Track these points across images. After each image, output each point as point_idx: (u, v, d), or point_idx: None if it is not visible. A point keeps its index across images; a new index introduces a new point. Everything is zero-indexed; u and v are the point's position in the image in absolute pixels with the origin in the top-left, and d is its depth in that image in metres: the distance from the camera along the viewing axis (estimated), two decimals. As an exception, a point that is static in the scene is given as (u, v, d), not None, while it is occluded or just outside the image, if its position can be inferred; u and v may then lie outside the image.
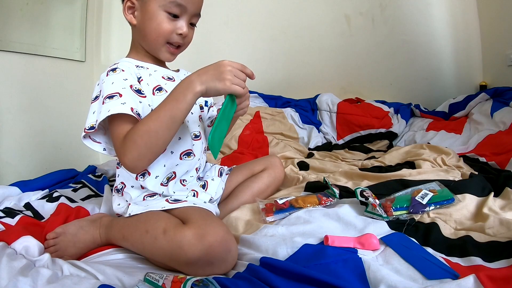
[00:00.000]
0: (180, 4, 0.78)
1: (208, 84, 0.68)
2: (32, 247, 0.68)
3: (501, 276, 0.53)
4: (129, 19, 0.82)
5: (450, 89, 2.08)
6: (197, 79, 0.68)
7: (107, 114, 0.69)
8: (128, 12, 0.81)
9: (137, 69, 0.82)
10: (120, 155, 0.71)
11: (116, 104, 0.70)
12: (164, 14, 0.78)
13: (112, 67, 0.78)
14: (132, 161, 0.69)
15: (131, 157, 0.69)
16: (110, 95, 0.72)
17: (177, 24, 0.79)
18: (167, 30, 0.79)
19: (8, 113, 1.45)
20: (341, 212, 0.78)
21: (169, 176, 0.83)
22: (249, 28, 2.25)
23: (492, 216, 0.73)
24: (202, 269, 0.62)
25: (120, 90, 0.73)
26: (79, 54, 1.88)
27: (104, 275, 0.61)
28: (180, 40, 0.82)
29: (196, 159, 0.87)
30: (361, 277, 0.57)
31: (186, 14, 0.80)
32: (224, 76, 0.68)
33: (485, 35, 2.02)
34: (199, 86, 0.68)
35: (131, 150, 0.69)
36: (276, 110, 1.99)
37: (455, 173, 1.05)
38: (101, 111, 0.71)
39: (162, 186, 0.81)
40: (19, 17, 1.51)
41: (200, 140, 0.89)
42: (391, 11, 2.11)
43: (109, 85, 0.74)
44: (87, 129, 0.72)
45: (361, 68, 2.21)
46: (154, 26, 0.79)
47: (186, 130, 0.86)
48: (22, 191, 1.03)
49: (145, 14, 0.79)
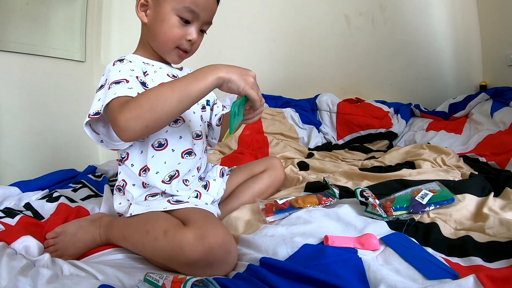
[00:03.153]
0: (193, 11, 0.78)
1: (233, 76, 0.68)
2: (32, 247, 0.68)
3: (501, 276, 0.53)
4: (140, 17, 0.82)
5: (450, 89, 2.08)
6: (224, 67, 0.68)
7: (113, 96, 0.68)
8: (140, 9, 0.81)
9: (143, 64, 0.82)
10: (115, 112, 0.66)
11: (123, 88, 0.70)
12: (176, 18, 0.78)
13: (120, 58, 0.79)
14: (127, 119, 0.64)
15: (129, 115, 0.64)
16: (117, 81, 0.72)
17: (187, 30, 0.80)
18: (177, 35, 0.79)
19: (8, 113, 1.45)
20: (341, 212, 0.78)
21: (172, 174, 0.82)
22: (249, 29, 2.25)
23: (492, 216, 0.73)
24: (202, 271, 0.62)
25: (127, 77, 0.73)
26: (79, 54, 1.89)
27: (104, 275, 0.61)
28: (188, 46, 0.82)
29: (197, 158, 0.87)
30: (361, 277, 0.57)
31: (198, 21, 0.80)
32: (248, 78, 0.69)
33: (485, 35, 2.02)
34: (224, 72, 0.67)
35: (131, 109, 0.64)
36: (276, 110, 1.99)
37: (455, 173, 1.05)
38: (107, 95, 0.70)
39: (164, 183, 0.81)
40: (19, 17, 1.51)
41: (201, 139, 0.89)
42: (391, 12, 2.11)
43: (116, 72, 0.74)
44: (92, 114, 0.71)
45: (361, 68, 2.21)
46: (165, 30, 0.79)
47: (187, 129, 0.86)
48: (22, 191, 1.03)
49: (158, 15, 0.79)
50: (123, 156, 0.83)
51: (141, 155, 0.81)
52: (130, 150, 0.82)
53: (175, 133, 0.83)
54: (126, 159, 0.82)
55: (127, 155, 0.82)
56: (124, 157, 0.82)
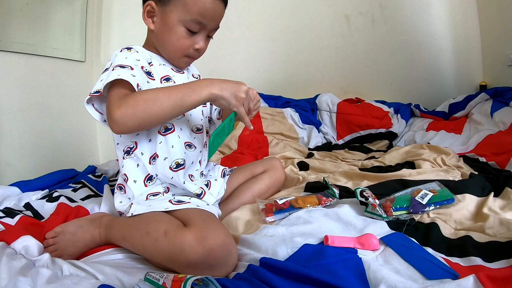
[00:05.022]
0: (200, 22, 0.79)
1: (225, 93, 0.71)
2: (31, 247, 0.68)
3: (501, 276, 0.53)
4: (147, 24, 0.82)
5: (450, 89, 2.08)
6: (219, 84, 0.71)
7: (117, 77, 0.70)
8: (147, 16, 0.82)
9: (149, 55, 0.84)
10: (113, 105, 0.68)
11: (127, 73, 0.71)
12: (183, 29, 0.79)
13: (128, 46, 0.80)
14: (123, 115, 0.67)
15: (125, 111, 0.67)
16: (122, 65, 0.73)
17: (195, 39, 0.81)
18: (186, 46, 0.81)
19: (8, 113, 1.45)
20: (341, 212, 0.78)
21: (179, 161, 0.82)
22: (250, 29, 2.25)
23: (492, 216, 0.73)
24: (203, 272, 0.62)
25: (132, 65, 0.74)
26: (79, 54, 1.88)
27: (104, 275, 0.61)
28: (196, 54, 0.84)
29: (198, 151, 0.88)
30: (361, 277, 0.57)
31: (205, 30, 0.81)
32: (239, 95, 0.72)
33: (485, 35, 2.02)
34: (218, 90, 0.71)
35: (128, 106, 0.67)
36: (276, 110, 1.99)
37: (455, 173, 1.05)
38: (110, 75, 0.70)
39: (171, 171, 0.81)
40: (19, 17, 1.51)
41: (202, 133, 0.90)
42: (391, 11, 2.11)
43: (122, 58, 0.76)
44: (93, 93, 0.72)
45: (361, 68, 2.21)
46: (173, 41, 0.80)
47: (187, 123, 0.86)
48: (22, 191, 1.03)
49: (165, 25, 0.80)
50: (131, 147, 0.82)
51: (149, 143, 0.82)
52: (138, 140, 0.82)
53: (180, 122, 0.84)
54: (135, 148, 0.81)
55: (136, 144, 0.81)
56: (133, 147, 0.81)
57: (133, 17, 0.86)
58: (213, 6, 0.78)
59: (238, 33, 2.25)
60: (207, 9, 0.78)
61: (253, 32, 2.27)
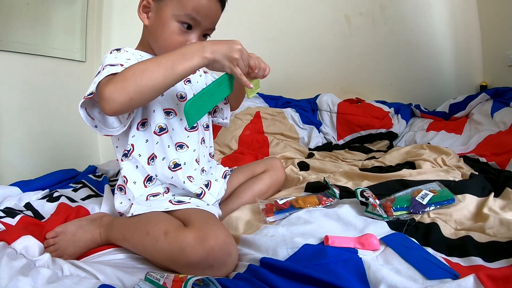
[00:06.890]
0: (194, 18, 0.77)
1: (217, 55, 0.69)
2: (32, 247, 0.69)
3: (501, 276, 0.53)
4: (142, 18, 0.82)
5: (450, 89, 2.08)
6: (210, 46, 0.69)
7: (107, 74, 0.68)
8: (142, 11, 0.81)
9: (140, 56, 0.82)
10: (102, 86, 0.66)
11: (117, 69, 0.69)
12: (176, 24, 0.77)
13: (117, 48, 0.79)
14: (112, 91, 0.64)
15: (114, 87, 0.64)
16: (112, 64, 0.72)
17: (188, 37, 0.79)
18: (177, 43, 0.78)
19: (8, 113, 1.45)
20: (341, 212, 0.78)
21: (176, 161, 0.81)
22: (249, 29, 2.25)
23: (492, 216, 0.73)
24: (203, 272, 0.62)
25: (123, 63, 0.73)
26: (79, 54, 1.88)
27: (104, 275, 0.61)
28: None
29: (191, 150, 0.86)
30: (361, 277, 0.57)
31: (199, 28, 0.80)
32: (233, 54, 0.70)
33: (485, 35, 2.02)
34: (209, 53, 0.68)
35: (116, 82, 0.65)
36: (276, 110, 1.99)
37: (455, 173, 1.05)
38: (101, 74, 0.69)
39: (170, 170, 0.81)
40: (20, 17, 1.51)
41: (197, 131, 0.88)
42: (391, 11, 2.11)
43: (112, 58, 0.75)
44: (86, 95, 0.70)
45: (361, 68, 2.21)
46: (165, 36, 0.78)
47: (180, 123, 0.85)
48: (22, 191, 1.03)
49: (159, 20, 0.78)
50: (128, 149, 0.81)
51: (146, 144, 0.82)
52: (134, 142, 0.81)
53: (172, 122, 0.83)
54: (132, 151, 0.81)
55: (133, 147, 0.81)
56: (130, 150, 0.81)
57: (133, 17, 0.85)
58: (208, 4, 0.77)
59: (238, 33, 2.25)
60: (202, 5, 0.77)
61: (253, 32, 2.26)
